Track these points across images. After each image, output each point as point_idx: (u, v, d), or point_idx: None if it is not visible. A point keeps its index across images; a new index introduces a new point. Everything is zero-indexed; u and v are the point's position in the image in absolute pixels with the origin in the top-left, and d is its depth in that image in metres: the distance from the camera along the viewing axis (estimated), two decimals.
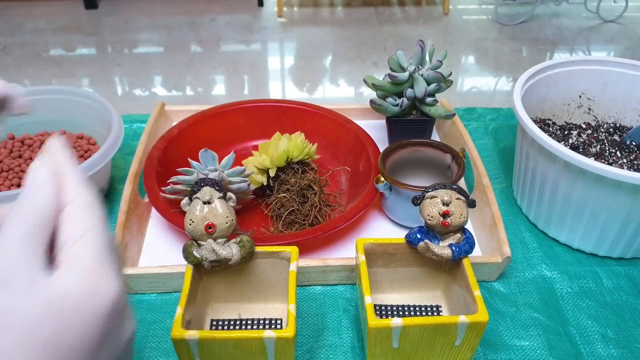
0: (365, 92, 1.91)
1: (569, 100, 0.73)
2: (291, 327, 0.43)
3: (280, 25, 2.37)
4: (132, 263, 0.59)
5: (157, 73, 2.01)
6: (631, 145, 0.66)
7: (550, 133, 0.68)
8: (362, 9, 2.50)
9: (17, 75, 1.98)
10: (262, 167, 0.65)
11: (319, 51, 2.18)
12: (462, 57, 2.18)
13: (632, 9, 2.43)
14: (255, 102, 0.77)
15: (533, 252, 0.64)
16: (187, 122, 0.72)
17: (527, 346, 0.54)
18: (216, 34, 2.27)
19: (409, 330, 0.45)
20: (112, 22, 2.35)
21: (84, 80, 1.97)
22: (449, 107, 0.77)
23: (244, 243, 0.49)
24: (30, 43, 2.18)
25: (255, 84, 2.00)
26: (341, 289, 0.59)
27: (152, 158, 0.66)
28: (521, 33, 2.31)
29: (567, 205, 0.60)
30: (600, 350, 0.53)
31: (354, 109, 0.80)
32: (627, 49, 2.22)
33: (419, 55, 0.69)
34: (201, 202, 0.47)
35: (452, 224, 0.48)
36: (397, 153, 0.65)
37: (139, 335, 0.54)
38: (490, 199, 0.62)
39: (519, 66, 2.08)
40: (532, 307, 0.57)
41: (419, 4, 2.57)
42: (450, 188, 0.50)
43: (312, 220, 0.63)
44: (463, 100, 1.89)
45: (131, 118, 0.83)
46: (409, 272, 0.54)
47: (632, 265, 0.62)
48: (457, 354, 0.48)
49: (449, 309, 0.54)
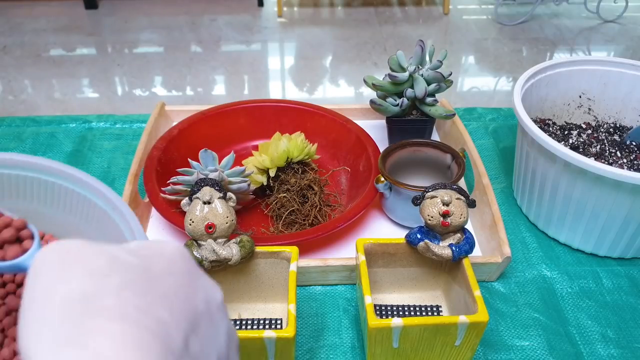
0: (365, 92, 1.91)
1: (569, 100, 0.73)
2: (291, 327, 0.43)
3: (280, 25, 2.37)
4: None
5: (157, 73, 2.01)
6: (631, 145, 0.66)
7: (550, 133, 0.68)
8: (362, 9, 2.50)
9: (17, 75, 1.98)
10: (262, 167, 0.65)
11: (319, 51, 2.18)
12: (462, 57, 2.18)
13: (632, 9, 2.43)
14: (255, 102, 0.77)
15: (533, 252, 0.64)
16: (187, 122, 0.72)
17: (527, 346, 0.54)
18: (216, 34, 2.27)
19: (409, 330, 0.45)
20: (112, 22, 2.35)
21: (84, 80, 1.97)
22: (449, 107, 0.77)
23: (244, 243, 0.49)
24: (30, 43, 2.18)
25: (255, 84, 2.00)
26: (341, 289, 0.59)
27: (152, 158, 0.66)
28: (521, 33, 2.31)
29: (567, 205, 0.60)
30: (600, 350, 0.53)
31: (354, 109, 0.80)
32: (627, 49, 2.22)
33: (419, 55, 0.69)
34: (201, 202, 0.47)
35: (452, 224, 0.48)
36: (397, 153, 0.65)
37: None
38: (490, 199, 0.62)
39: (519, 66, 2.07)
40: (532, 307, 0.57)
41: (419, 4, 2.57)
42: (450, 188, 0.50)
43: (312, 220, 0.63)
44: (463, 100, 1.89)
45: (131, 118, 0.83)
46: (409, 272, 0.54)
47: (632, 265, 0.62)
48: (457, 354, 0.48)
49: (449, 309, 0.54)
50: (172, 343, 0.21)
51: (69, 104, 1.84)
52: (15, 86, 1.92)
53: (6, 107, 1.80)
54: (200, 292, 0.25)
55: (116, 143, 0.79)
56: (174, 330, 0.21)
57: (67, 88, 1.92)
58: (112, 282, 0.21)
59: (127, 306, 0.21)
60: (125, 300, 0.21)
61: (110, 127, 0.82)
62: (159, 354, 0.20)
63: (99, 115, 0.83)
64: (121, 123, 0.82)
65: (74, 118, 0.83)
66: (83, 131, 0.81)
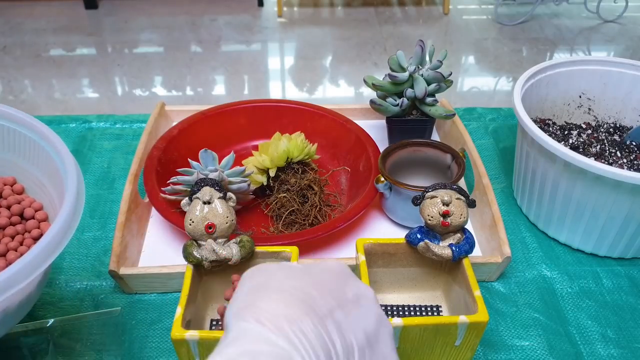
0: (365, 92, 1.91)
1: (569, 100, 0.73)
2: None
3: (280, 25, 2.37)
4: (132, 263, 0.59)
5: (157, 73, 2.01)
6: (631, 145, 0.66)
7: (550, 133, 0.68)
8: (362, 9, 2.50)
9: (17, 75, 1.98)
10: (262, 167, 0.65)
11: (319, 51, 2.18)
12: (462, 57, 2.18)
13: (632, 9, 2.43)
14: (255, 102, 0.77)
15: (533, 252, 0.64)
16: (187, 122, 0.72)
17: (527, 346, 0.54)
18: (216, 34, 2.27)
19: (409, 330, 0.45)
20: (112, 22, 2.35)
21: (84, 80, 1.97)
22: (449, 107, 0.77)
23: (244, 243, 0.49)
24: (30, 43, 2.18)
25: (255, 84, 2.00)
26: None
27: (152, 158, 0.66)
28: (521, 33, 2.31)
29: (567, 205, 0.60)
30: (600, 350, 0.53)
31: (354, 109, 0.80)
32: (627, 49, 2.22)
33: (419, 55, 0.69)
34: (201, 202, 0.47)
35: (452, 224, 0.48)
36: (397, 153, 0.65)
37: (139, 335, 0.54)
38: (490, 199, 0.62)
39: (519, 66, 2.08)
40: (532, 307, 0.57)
41: (419, 4, 2.57)
42: (450, 188, 0.50)
43: (312, 220, 0.63)
44: (463, 100, 1.89)
45: (131, 118, 0.83)
46: (409, 272, 0.54)
47: (632, 265, 0.62)
48: (457, 354, 0.48)
49: (449, 309, 0.54)
50: (316, 308, 0.30)
51: (69, 104, 1.84)
52: (15, 86, 1.92)
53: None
54: (351, 288, 0.33)
55: (116, 143, 0.79)
56: (320, 301, 0.30)
57: (67, 88, 1.92)
58: (279, 274, 0.32)
59: (285, 285, 0.31)
60: (284, 283, 0.31)
61: (110, 127, 0.82)
62: (302, 310, 0.29)
63: (99, 115, 0.83)
64: (121, 123, 0.82)
65: (74, 118, 0.83)
66: (83, 131, 0.81)
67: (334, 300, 0.31)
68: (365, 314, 0.32)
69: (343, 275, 0.34)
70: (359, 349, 0.30)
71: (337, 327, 0.30)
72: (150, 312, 0.56)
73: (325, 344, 0.28)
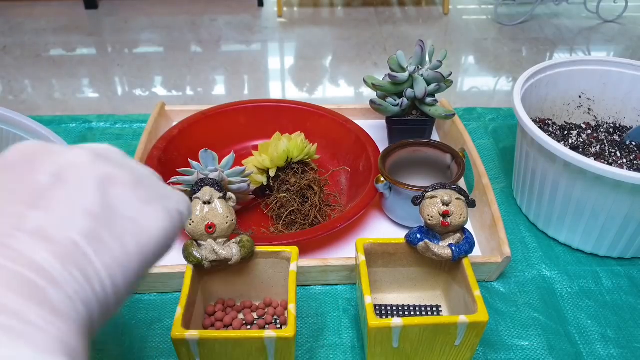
0: (365, 92, 1.91)
1: (569, 100, 0.73)
2: (291, 327, 0.43)
3: (280, 25, 2.37)
4: None
5: (157, 73, 2.01)
6: (631, 145, 0.66)
7: (550, 133, 0.68)
8: (362, 9, 2.50)
9: (17, 75, 1.98)
10: (262, 167, 0.65)
11: (319, 51, 2.18)
12: (462, 57, 2.18)
13: (632, 9, 2.43)
14: (255, 102, 0.77)
15: (533, 252, 0.64)
16: (187, 122, 0.72)
17: (527, 346, 0.54)
18: (216, 34, 2.27)
19: (409, 330, 0.45)
20: (112, 22, 2.35)
21: (84, 80, 1.97)
22: (449, 107, 0.77)
23: (244, 243, 0.49)
24: (30, 43, 2.18)
25: (255, 84, 2.00)
26: (341, 289, 0.59)
27: (152, 158, 0.66)
28: (521, 33, 2.31)
29: (567, 205, 0.60)
30: (600, 350, 0.53)
31: (354, 109, 0.80)
32: (627, 49, 2.22)
33: (419, 56, 0.69)
34: (201, 202, 0.47)
35: (452, 224, 0.48)
36: (397, 153, 0.65)
37: (139, 335, 0.54)
38: (490, 199, 0.62)
39: (519, 66, 2.08)
40: (532, 307, 0.57)
41: (419, 4, 2.57)
42: (450, 188, 0.50)
43: (312, 220, 0.63)
44: (463, 100, 1.89)
45: (131, 118, 0.83)
46: (409, 272, 0.54)
47: (632, 265, 0.62)
48: (457, 354, 0.48)
49: (449, 309, 0.54)
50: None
51: (69, 104, 1.84)
52: (15, 86, 1.92)
53: (6, 107, 1.80)
54: (45, 167, 0.25)
55: (116, 143, 0.79)
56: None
57: (67, 88, 1.92)
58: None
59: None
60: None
61: (111, 127, 0.82)
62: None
63: (99, 115, 0.84)
64: (121, 123, 0.82)
65: (74, 118, 0.83)
66: (83, 131, 0.81)
67: (19, 204, 0.23)
68: (78, 188, 0.25)
69: (28, 157, 0.26)
70: (85, 235, 0.24)
71: (35, 233, 0.22)
72: (150, 312, 0.56)
73: (28, 264, 0.21)
